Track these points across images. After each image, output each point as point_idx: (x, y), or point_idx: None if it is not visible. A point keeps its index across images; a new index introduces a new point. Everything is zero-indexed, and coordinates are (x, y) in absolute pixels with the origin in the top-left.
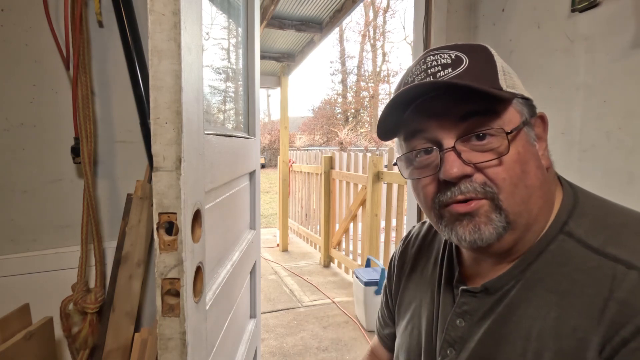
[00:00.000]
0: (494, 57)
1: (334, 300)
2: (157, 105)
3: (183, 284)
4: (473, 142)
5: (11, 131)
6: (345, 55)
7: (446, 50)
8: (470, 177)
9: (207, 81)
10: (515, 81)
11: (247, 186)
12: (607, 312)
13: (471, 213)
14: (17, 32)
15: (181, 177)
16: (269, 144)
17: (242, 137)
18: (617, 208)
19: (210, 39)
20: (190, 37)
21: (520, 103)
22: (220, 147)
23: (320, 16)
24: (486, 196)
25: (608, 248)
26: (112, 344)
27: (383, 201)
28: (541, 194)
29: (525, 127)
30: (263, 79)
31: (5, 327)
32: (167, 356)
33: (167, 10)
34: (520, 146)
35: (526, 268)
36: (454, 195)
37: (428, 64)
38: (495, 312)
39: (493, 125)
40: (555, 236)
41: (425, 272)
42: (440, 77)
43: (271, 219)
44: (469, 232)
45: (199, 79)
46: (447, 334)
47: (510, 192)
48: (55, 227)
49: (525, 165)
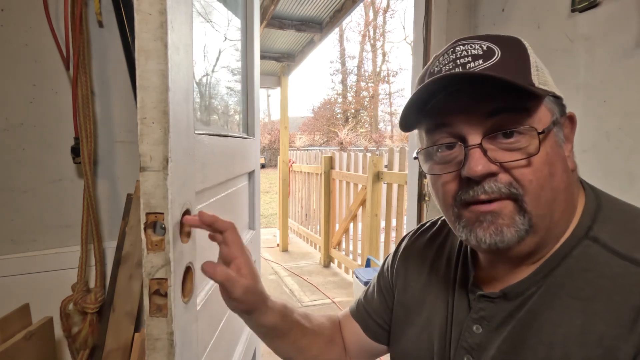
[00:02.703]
0: (527, 51)
1: (334, 300)
2: (144, 105)
3: (170, 284)
4: (500, 140)
5: (11, 131)
6: (345, 55)
7: (477, 40)
8: (495, 176)
9: (206, 81)
10: (548, 78)
11: (245, 186)
12: (639, 320)
13: (493, 213)
14: (17, 32)
15: (168, 177)
16: (269, 144)
17: (239, 137)
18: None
19: (210, 39)
20: (178, 37)
21: (552, 102)
22: (214, 147)
23: (320, 16)
24: (510, 197)
25: (635, 253)
26: (112, 344)
27: (383, 201)
28: (565, 198)
29: (555, 127)
30: (263, 79)
31: (5, 327)
32: (154, 356)
33: (154, 9)
34: (549, 147)
35: (548, 274)
36: (477, 194)
37: (457, 53)
38: (515, 319)
39: (524, 123)
40: (579, 241)
41: (435, 274)
42: (470, 69)
43: (271, 219)
44: (490, 235)
45: (188, 78)
46: (463, 340)
47: (536, 195)
48: (55, 227)
49: (552, 167)
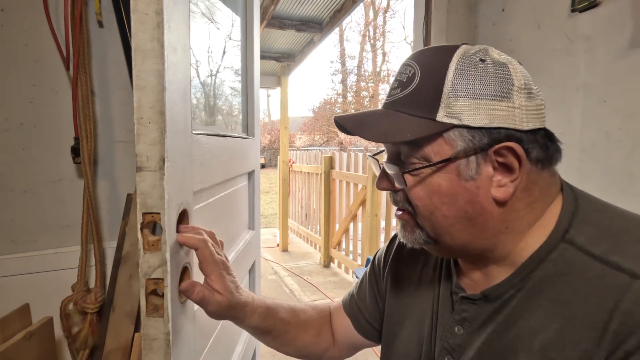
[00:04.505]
0: (448, 72)
1: (334, 300)
2: (141, 105)
3: (167, 284)
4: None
5: (11, 131)
6: (345, 55)
7: (414, 60)
8: (397, 192)
9: (206, 81)
10: (470, 104)
11: (245, 186)
12: (611, 324)
13: (401, 220)
14: (17, 32)
15: (165, 177)
16: (269, 144)
17: (238, 137)
18: (618, 212)
19: (210, 39)
20: (175, 37)
21: (463, 134)
22: (212, 147)
23: (320, 16)
24: (409, 212)
25: (611, 256)
26: (112, 344)
27: (383, 201)
28: (471, 225)
29: (459, 160)
30: (263, 79)
31: (5, 327)
32: (151, 356)
33: (150, 9)
34: (443, 178)
35: (526, 277)
36: (393, 201)
37: (399, 76)
38: (496, 321)
39: (414, 156)
40: (556, 245)
41: (425, 276)
42: (391, 97)
43: (271, 219)
44: (402, 235)
45: (185, 79)
46: (445, 341)
47: (425, 217)
48: (55, 227)
49: (445, 197)
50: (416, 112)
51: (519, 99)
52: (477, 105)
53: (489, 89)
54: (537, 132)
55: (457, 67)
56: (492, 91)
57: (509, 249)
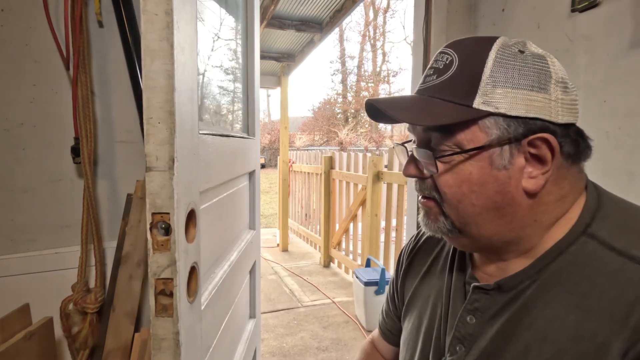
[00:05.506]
0: (487, 61)
1: (334, 300)
2: (150, 105)
3: (176, 284)
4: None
5: (11, 131)
6: (345, 55)
7: (451, 48)
8: (425, 179)
9: (206, 81)
10: (507, 93)
11: (246, 186)
12: (632, 317)
13: (425, 208)
14: (17, 32)
15: (174, 177)
16: (269, 144)
17: (240, 137)
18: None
19: (210, 39)
20: (183, 37)
21: (498, 122)
22: (217, 147)
23: (320, 16)
24: (434, 199)
25: (633, 250)
26: (112, 344)
27: (383, 201)
28: (499, 216)
29: (493, 149)
30: (263, 79)
31: (5, 327)
32: (160, 356)
33: (160, 10)
34: (475, 167)
35: (543, 268)
36: (418, 189)
37: (437, 62)
38: (509, 311)
39: (444, 143)
40: (576, 238)
41: (435, 268)
42: (426, 83)
43: (271, 219)
44: (424, 223)
45: (193, 79)
46: (456, 330)
47: (452, 205)
48: (55, 227)
49: (475, 186)
50: (452, 98)
51: (556, 92)
52: (514, 95)
53: (527, 80)
54: (570, 127)
55: (497, 56)
56: (530, 82)
57: (534, 243)
